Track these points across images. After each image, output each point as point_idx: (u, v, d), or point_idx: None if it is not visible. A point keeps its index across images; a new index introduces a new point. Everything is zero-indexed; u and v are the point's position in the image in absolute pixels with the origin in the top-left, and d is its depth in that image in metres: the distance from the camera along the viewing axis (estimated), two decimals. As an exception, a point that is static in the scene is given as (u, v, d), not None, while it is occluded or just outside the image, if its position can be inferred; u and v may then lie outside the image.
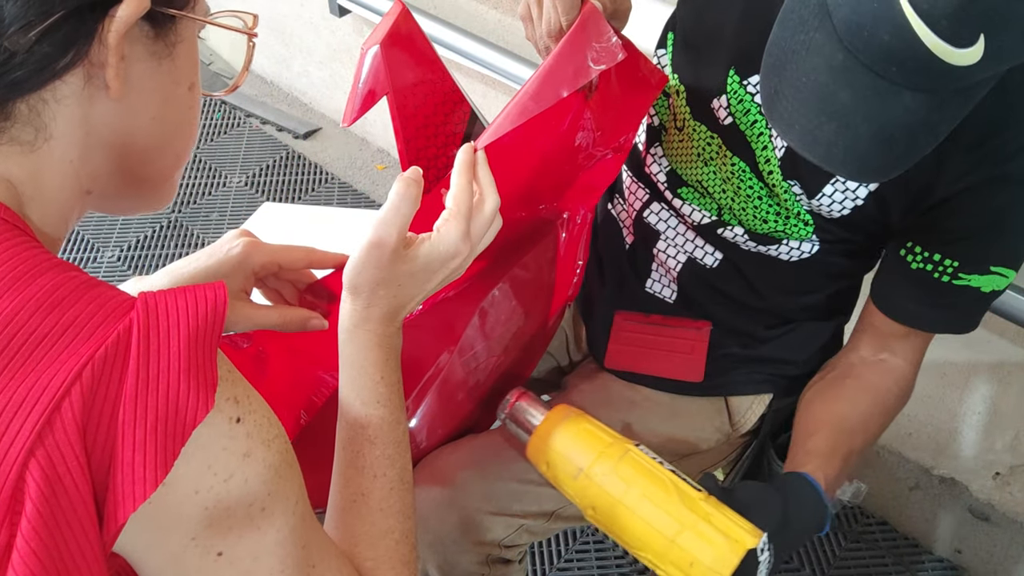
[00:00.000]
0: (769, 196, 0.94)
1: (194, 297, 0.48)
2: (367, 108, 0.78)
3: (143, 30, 0.53)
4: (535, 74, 0.75)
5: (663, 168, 1.02)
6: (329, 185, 2.38)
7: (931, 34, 0.63)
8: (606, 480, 0.79)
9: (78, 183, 0.55)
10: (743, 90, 0.92)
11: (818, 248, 0.95)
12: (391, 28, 0.78)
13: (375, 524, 0.66)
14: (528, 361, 1.01)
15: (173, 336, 0.47)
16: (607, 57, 0.77)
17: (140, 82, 0.54)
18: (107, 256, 2.14)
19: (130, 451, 0.45)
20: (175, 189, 0.63)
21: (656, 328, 1.05)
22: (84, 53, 0.50)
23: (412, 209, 0.67)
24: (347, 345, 0.69)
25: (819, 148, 0.73)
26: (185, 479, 0.47)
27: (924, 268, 0.88)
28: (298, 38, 2.47)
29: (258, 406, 0.51)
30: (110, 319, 0.46)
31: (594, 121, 0.89)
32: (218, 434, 0.48)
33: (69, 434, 0.44)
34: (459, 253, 0.68)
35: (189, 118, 0.59)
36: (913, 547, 1.64)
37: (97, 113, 0.53)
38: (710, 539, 0.74)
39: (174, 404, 0.46)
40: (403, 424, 0.70)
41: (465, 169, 0.70)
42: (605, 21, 0.79)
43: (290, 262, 0.80)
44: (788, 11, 0.73)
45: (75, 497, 0.45)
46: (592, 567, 1.59)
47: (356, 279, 0.68)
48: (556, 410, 0.86)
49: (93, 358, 0.44)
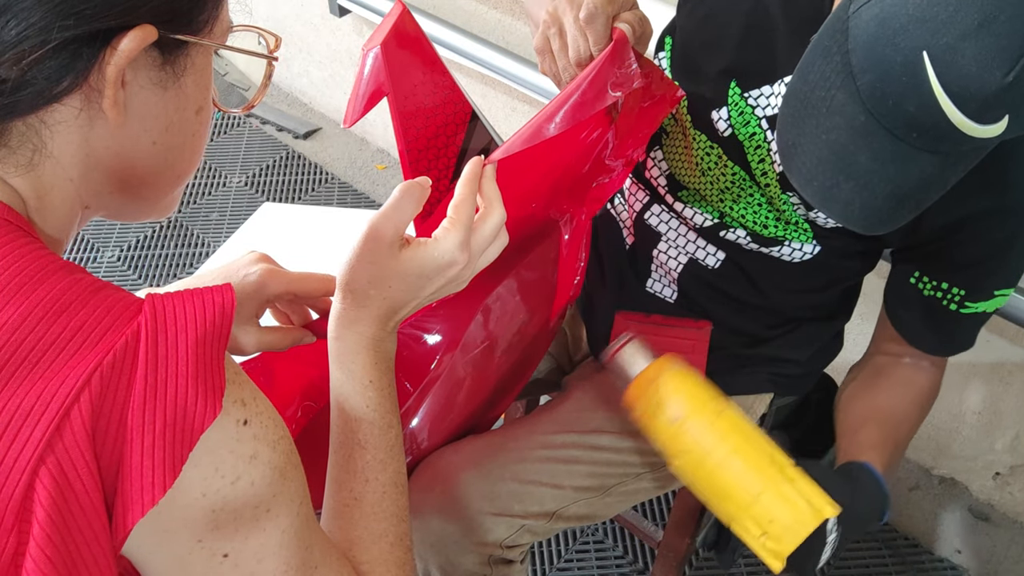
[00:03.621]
0: (768, 204, 0.94)
1: (201, 300, 0.48)
2: (368, 109, 0.78)
3: (150, 57, 0.52)
4: (556, 97, 0.75)
5: (663, 172, 1.02)
6: (329, 185, 2.38)
7: (958, 113, 0.65)
8: (702, 432, 0.81)
9: (78, 198, 0.54)
10: (744, 102, 0.92)
11: (820, 250, 0.95)
12: (392, 29, 0.78)
13: (368, 528, 0.66)
14: (530, 361, 1.01)
15: (181, 340, 0.47)
16: (625, 83, 0.76)
17: (142, 109, 0.53)
18: (107, 256, 2.14)
19: (139, 456, 0.45)
20: (177, 201, 0.62)
21: (657, 328, 1.05)
22: (83, 79, 0.49)
23: (414, 208, 0.66)
24: (336, 347, 0.68)
25: (837, 206, 0.74)
26: (193, 483, 0.47)
27: (935, 296, 0.90)
28: (298, 38, 2.47)
29: (264, 407, 0.51)
30: (118, 323, 0.46)
31: (613, 139, 0.89)
32: (225, 437, 0.48)
33: (79, 440, 0.44)
34: (455, 262, 0.66)
35: (194, 143, 0.58)
36: (913, 547, 1.64)
37: (96, 136, 0.52)
38: (793, 501, 0.77)
39: (182, 409, 0.46)
40: (395, 428, 0.69)
41: (470, 181, 0.68)
42: (631, 48, 0.78)
43: (305, 291, 0.79)
44: (809, 64, 0.73)
45: (86, 503, 0.45)
46: (592, 567, 1.59)
47: (349, 274, 0.66)
48: (663, 358, 0.87)
49: (102, 364, 0.44)
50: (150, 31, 0.50)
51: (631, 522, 1.51)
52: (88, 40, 0.48)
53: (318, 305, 0.83)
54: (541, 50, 0.83)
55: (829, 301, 1.04)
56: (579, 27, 0.78)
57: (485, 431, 1.02)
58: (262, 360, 0.88)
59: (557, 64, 0.82)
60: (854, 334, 1.65)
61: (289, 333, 0.81)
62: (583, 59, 0.79)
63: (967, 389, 1.54)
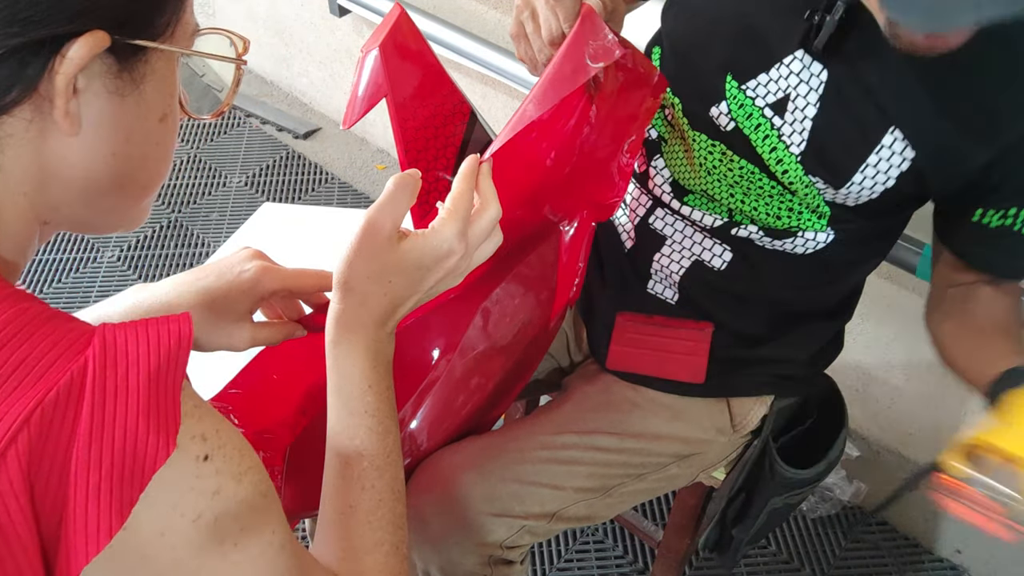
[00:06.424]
0: (781, 194, 0.94)
1: (156, 331, 0.46)
2: (366, 111, 0.78)
3: (105, 64, 0.48)
4: (538, 81, 0.75)
5: (666, 179, 1.01)
6: (329, 185, 2.38)
7: None
8: None
9: (34, 214, 0.51)
10: (743, 95, 0.92)
11: (833, 237, 0.95)
12: (390, 31, 0.78)
13: (364, 537, 0.64)
14: (530, 362, 1.01)
15: (132, 374, 0.44)
16: (604, 54, 0.76)
17: (98, 118, 0.49)
18: (107, 256, 2.14)
19: (83, 499, 0.42)
20: (147, 212, 0.58)
21: (658, 329, 1.05)
22: (31, 89, 0.46)
23: (408, 201, 0.65)
24: (334, 350, 0.66)
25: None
26: (149, 523, 0.45)
27: (1004, 224, 0.88)
28: (298, 38, 2.47)
29: (228, 439, 0.49)
30: (64, 357, 0.43)
31: (598, 120, 0.88)
32: (183, 474, 0.46)
33: (14, 485, 0.41)
34: (453, 252, 0.66)
35: (158, 152, 0.54)
36: (913, 547, 1.64)
37: (50, 148, 0.49)
38: None
39: (131, 448, 0.43)
40: (393, 434, 0.68)
41: (467, 177, 0.68)
42: (602, 20, 0.79)
43: (300, 288, 0.78)
44: None
45: (17, 550, 0.42)
46: (592, 567, 1.59)
47: (347, 272, 0.65)
48: None
49: (43, 402, 0.42)
50: (102, 37, 0.46)
51: (631, 522, 1.51)
52: (35, 48, 0.45)
53: (312, 300, 0.82)
54: (516, 35, 0.86)
55: (833, 299, 1.04)
56: (550, 6, 0.80)
57: (485, 432, 1.02)
58: (259, 366, 0.88)
59: (533, 46, 0.84)
60: (854, 334, 1.65)
61: (282, 328, 0.80)
62: (555, 37, 0.81)
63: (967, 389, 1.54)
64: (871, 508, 1.48)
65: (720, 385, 1.05)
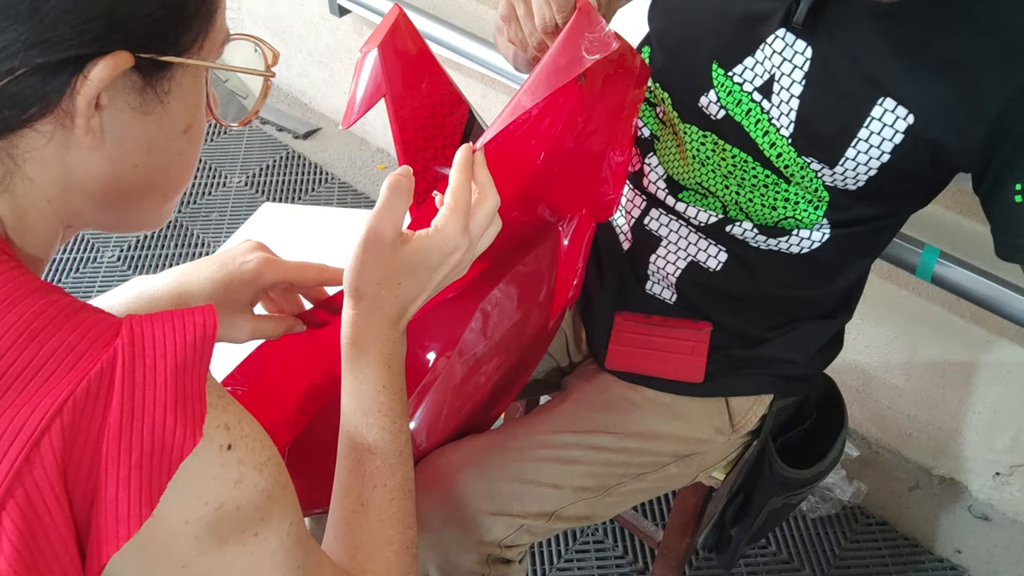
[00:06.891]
0: (776, 182, 0.93)
1: (182, 323, 0.47)
2: (365, 111, 0.78)
3: (129, 81, 0.49)
4: (532, 73, 0.75)
5: (660, 176, 1.01)
6: (329, 185, 2.38)
7: None
8: None
9: (58, 219, 0.52)
10: (730, 82, 0.92)
11: (828, 235, 0.95)
12: (389, 31, 0.78)
13: (374, 535, 0.65)
14: (529, 362, 1.01)
15: (160, 366, 0.45)
16: (600, 47, 0.76)
17: (122, 132, 0.50)
18: (107, 256, 2.14)
19: (114, 488, 0.44)
20: (169, 214, 0.59)
21: (657, 329, 1.05)
22: (54, 105, 0.47)
23: (405, 202, 0.65)
24: (349, 351, 0.67)
25: None
26: (174, 510, 0.46)
27: None
28: (298, 38, 2.47)
29: (251, 430, 0.50)
30: (94, 348, 0.44)
31: (586, 111, 0.88)
32: (208, 463, 0.47)
33: (49, 472, 0.42)
34: (458, 247, 0.67)
35: (181, 162, 0.55)
36: (913, 547, 1.64)
37: (74, 158, 0.50)
38: None
39: (160, 438, 0.44)
40: (405, 433, 0.69)
41: (463, 167, 0.69)
42: (598, 13, 0.79)
43: (302, 280, 0.79)
44: None
45: (55, 537, 0.43)
46: (592, 567, 1.59)
47: (356, 280, 0.66)
48: None
49: (75, 392, 0.43)
50: (124, 58, 0.47)
51: (631, 522, 1.51)
52: (57, 68, 0.46)
53: (312, 294, 0.83)
54: (507, 17, 0.84)
55: (832, 298, 1.04)
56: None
57: (485, 431, 1.02)
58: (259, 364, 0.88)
59: (524, 30, 0.83)
60: (854, 334, 1.65)
61: (282, 322, 0.81)
62: (548, 27, 0.80)
63: (967, 389, 1.54)
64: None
65: (719, 385, 1.05)
